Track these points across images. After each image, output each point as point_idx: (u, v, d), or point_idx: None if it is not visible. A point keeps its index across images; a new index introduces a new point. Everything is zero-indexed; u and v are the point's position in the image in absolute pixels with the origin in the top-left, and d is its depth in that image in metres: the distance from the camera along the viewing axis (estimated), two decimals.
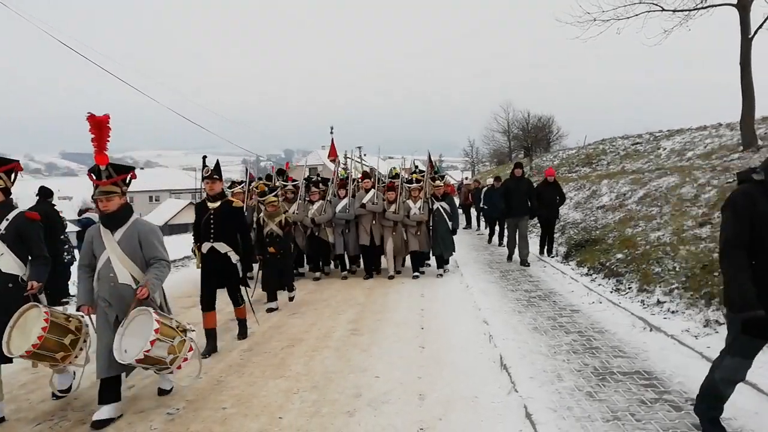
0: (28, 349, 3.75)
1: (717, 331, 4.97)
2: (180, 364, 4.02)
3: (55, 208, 8.21)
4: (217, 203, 5.55)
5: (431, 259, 10.10)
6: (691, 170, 10.78)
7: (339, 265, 10.04)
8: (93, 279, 3.99)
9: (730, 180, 8.81)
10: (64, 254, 8.27)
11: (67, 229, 8.43)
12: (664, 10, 12.81)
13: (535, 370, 4.63)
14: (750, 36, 11.60)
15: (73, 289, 6.11)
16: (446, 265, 9.79)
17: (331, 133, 15.08)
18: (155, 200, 61.98)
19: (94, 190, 3.94)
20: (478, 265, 10.64)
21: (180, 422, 3.86)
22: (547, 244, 10.76)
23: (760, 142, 11.96)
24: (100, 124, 3.81)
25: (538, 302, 7.16)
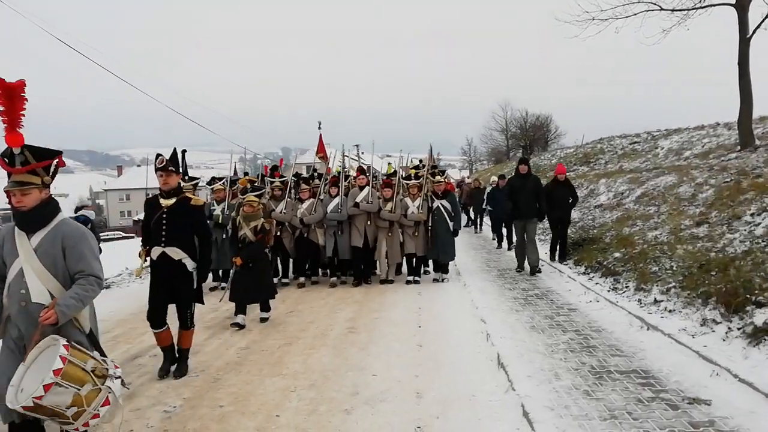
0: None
1: (714, 330, 4.98)
2: (88, 421, 2.89)
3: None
4: (172, 200, 4.61)
5: (430, 266, 9.39)
6: (689, 169, 10.80)
7: (328, 270, 9.12)
8: (3, 294, 3.05)
9: (728, 179, 8.83)
10: None
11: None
12: (662, 9, 12.81)
13: (532, 368, 4.63)
14: (748, 36, 11.61)
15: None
16: (446, 275, 8.92)
17: (318, 128, 14.75)
18: None
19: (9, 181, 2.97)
20: (476, 263, 10.65)
21: (177, 420, 3.86)
22: (559, 249, 9.72)
23: (757, 142, 11.98)
24: (11, 92, 2.87)
25: (535, 301, 7.17)
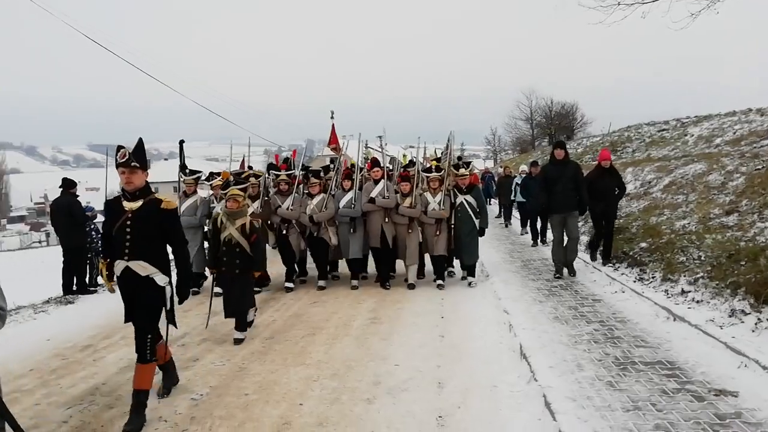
0: None
1: (743, 321, 4.88)
2: None
3: (78, 200, 8.41)
4: (138, 203, 3.81)
5: (455, 266, 8.57)
6: (719, 157, 10.51)
7: (330, 271, 8.51)
8: None
9: (759, 167, 8.57)
10: (93, 244, 8.50)
11: (96, 220, 8.63)
12: None
13: (555, 359, 4.61)
14: None
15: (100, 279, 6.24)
16: (473, 278, 7.86)
17: (331, 118, 14.29)
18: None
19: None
20: (499, 254, 10.56)
21: (204, 407, 3.96)
22: (603, 249, 8.37)
23: None
24: None
25: (559, 292, 7.10)
